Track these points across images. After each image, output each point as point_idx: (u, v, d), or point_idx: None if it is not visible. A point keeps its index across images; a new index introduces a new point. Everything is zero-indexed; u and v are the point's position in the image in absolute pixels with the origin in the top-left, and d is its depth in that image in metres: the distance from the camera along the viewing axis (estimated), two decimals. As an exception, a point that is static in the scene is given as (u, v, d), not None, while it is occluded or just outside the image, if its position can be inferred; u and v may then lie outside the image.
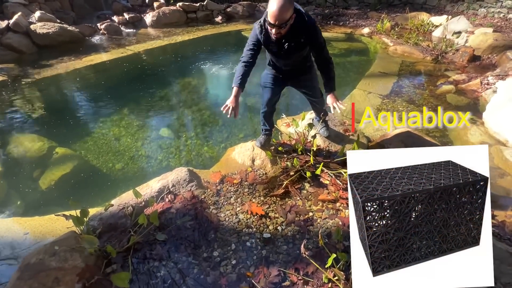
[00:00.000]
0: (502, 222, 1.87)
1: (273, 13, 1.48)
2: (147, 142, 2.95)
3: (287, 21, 1.52)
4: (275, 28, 1.55)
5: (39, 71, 4.30)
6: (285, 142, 2.50)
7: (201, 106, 3.63)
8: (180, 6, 7.02)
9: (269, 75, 2.07)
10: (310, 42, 1.74)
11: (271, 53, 1.87)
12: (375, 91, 3.80)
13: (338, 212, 1.86)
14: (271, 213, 1.83)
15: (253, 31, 1.78)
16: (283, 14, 1.48)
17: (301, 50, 1.77)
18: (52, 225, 1.76)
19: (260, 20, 1.73)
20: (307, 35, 1.69)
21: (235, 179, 2.08)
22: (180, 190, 1.93)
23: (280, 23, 1.51)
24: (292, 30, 1.63)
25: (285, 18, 1.50)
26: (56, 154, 2.65)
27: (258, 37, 1.76)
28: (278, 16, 1.48)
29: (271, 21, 1.52)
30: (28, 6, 5.49)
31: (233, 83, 1.78)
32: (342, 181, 2.06)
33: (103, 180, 2.48)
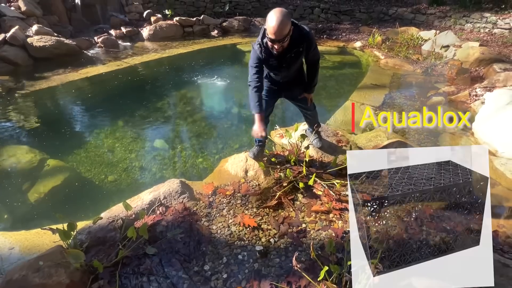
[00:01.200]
0: (495, 232, 1.87)
1: (274, 30, 1.55)
2: (141, 154, 2.94)
3: (287, 35, 1.60)
4: (277, 44, 1.62)
5: (34, 83, 4.31)
6: (278, 153, 2.50)
7: (196, 117, 3.65)
8: (177, 20, 7.18)
9: (264, 88, 2.10)
10: (309, 50, 1.81)
11: (271, 68, 1.92)
12: (368, 102, 3.87)
13: (331, 223, 1.84)
14: (263, 225, 1.81)
15: (253, 53, 1.82)
16: (283, 29, 1.56)
17: (300, 59, 1.86)
18: (38, 239, 1.71)
19: (258, 39, 1.78)
20: (306, 44, 1.77)
21: (227, 191, 2.07)
22: (171, 202, 1.91)
23: (281, 38, 1.58)
24: (291, 41, 1.70)
25: (285, 33, 1.58)
26: (48, 166, 2.62)
27: (259, 57, 1.81)
28: (278, 32, 1.55)
29: (273, 38, 1.59)
30: (26, 20, 5.56)
31: (254, 110, 1.86)
32: (335, 192, 2.05)
33: (95, 192, 2.44)
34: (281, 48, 1.67)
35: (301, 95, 2.17)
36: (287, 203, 1.97)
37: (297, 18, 8.79)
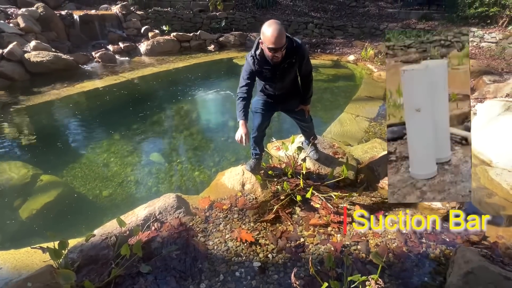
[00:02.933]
0: (494, 243, 1.85)
1: (273, 39, 1.63)
2: (136, 168, 2.90)
3: (284, 44, 1.67)
4: (278, 52, 1.68)
5: (30, 98, 4.30)
6: (275, 165, 2.50)
7: (192, 130, 3.65)
8: (174, 35, 7.33)
9: (260, 101, 2.13)
10: (302, 61, 1.85)
11: (266, 80, 1.95)
12: (363, 114, 3.92)
13: (329, 237, 1.81)
14: (261, 240, 1.77)
15: (246, 64, 1.89)
16: (281, 38, 1.64)
17: (293, 70, 1.89)
18: (28, 259, 1.65)
19: (251, 52, 1.85)
20: (297, 55, 1.81)
21: (224, 205, 2.04)
22: (167, 217, 1.87)
23: (280, 46, 1.66)
24: (285, 51, 1.76)
25: (283, 42, 1.66)
26: (41, 181, 2.57)
27: (251, 69, 1.87)
28: (278, 40, 1.63)
29: (272, 46, 1.66)
30: (25, 36, 5.63)
31: (238, 118, 1.95)
32: (332, 204, 2.04)
33: (88, 208, 2.39)
34: (278, 58, 1.72)
35: (298, 107, 2.20)
36: (284, 217, 1.95)
37: (292, 33, 9.04)
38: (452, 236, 1.90)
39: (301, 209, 2.02)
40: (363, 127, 3.55)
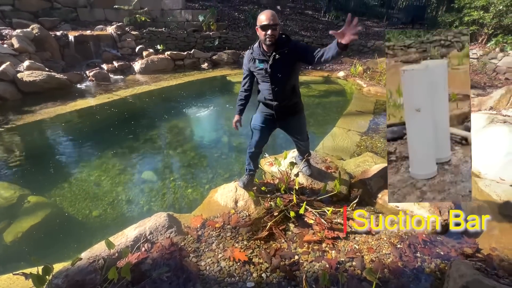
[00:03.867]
0: (488, 255, 1.85)
1: (268, 15, 1.77)
2: (128, 186, 2.85)
3: (278, 24, 1.78)
4: (270, 30, 1.76)
5: (21, 117, 4.26)
6: (268, 181, 2.49)
7: (185, 147, 3.64)
8: (168, 54, 7.48)
9: (259, 118, 2.13)
10: (296, 49, 1.84)
11: (261, 76, 1.94)
12: (354, 128, 3.99)
13: (324, 254, 1.79)
14: (255, 259, 1.73)
15: (244, 58, 2.03)
16: (274, 16, 1.78)
17: (287, 64, 1.86)
18: (10, 286, 1.57)
19: (249, 48, 1.99)
20: (289, 46, 1.84)
21: (217, 223, 2.01)
22: (158, 237, 1.82)
23: (273, 23, 1.75)
24: (277, 42, 1.84)
25: (277, 20, 1.78)
26: (28, 202, 2.49)
27: (248, 64, 1.98)
28: (272, 17, 1.76)
29: (266, 23, 1.75)
30: (18, 56, 5.66)
31: (236, 113, 2.19)
32: (326, 220, 2.03)
33: (77, 229, 2.31)
34: (273, 37, 1.78)
35: (298, 129, 2.21)
36: (278, 234, 1.92)
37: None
38: (446, 249, 1.90)
39: (295, 225, 2.00)
40: (354, 141, 3.60)
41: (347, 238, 1.93)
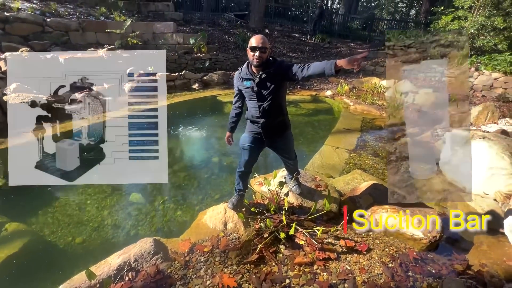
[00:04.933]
0: (478, 272, 1.85)
1: (257, 39, 1.86)
2: (114, 210, 2.76)
3: (266, 47, 1.87)
4: (258, 51, 1.84)
5: (3, 141, 4.15)
6: (258, 201, 2.47)
7: (175, 168, 3.60)
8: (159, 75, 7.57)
9: (247, 138, 2.16)
10: (281, 69, 1.93)
11: (249, 94, 2.02)
12: (342, 146, 4.06)
13: (316, 276, 1.75)
14: (244, 284, 1.68)
15: (234, 78, 2.13)
16: (262, 40, 1.87)
17: (273, 84, 1.94)
18: (-21, 325, 1.45)
19: (239, 68, 2.09)
20: (274, 66, 1.94)
21: (205, 247, 1.95)
22: (143, 265, 1.75)
23: (262, 46, 1.84)
24: (265, 64, 1.92)
25: (266, 44, 1.87)
26: (5, 230, 2.36)
27: (237, 83, 2.08)
28: (261, 40, 1.86)
29: (255, 45, 1.84)
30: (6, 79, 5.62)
31: (227, 130, 2.32)
32: (317, 240, 2.00)
33: (58, 258, 2.19)
34: (260, 59, 1.87)
35: (285, 148, 2.24)
36: (269, 257, 1.88)
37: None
38: (437, 267, 1.89)
39: (286, 247, 1.97)
40: (343, 159, 3.65)
41: (338, 259, 1.90)
